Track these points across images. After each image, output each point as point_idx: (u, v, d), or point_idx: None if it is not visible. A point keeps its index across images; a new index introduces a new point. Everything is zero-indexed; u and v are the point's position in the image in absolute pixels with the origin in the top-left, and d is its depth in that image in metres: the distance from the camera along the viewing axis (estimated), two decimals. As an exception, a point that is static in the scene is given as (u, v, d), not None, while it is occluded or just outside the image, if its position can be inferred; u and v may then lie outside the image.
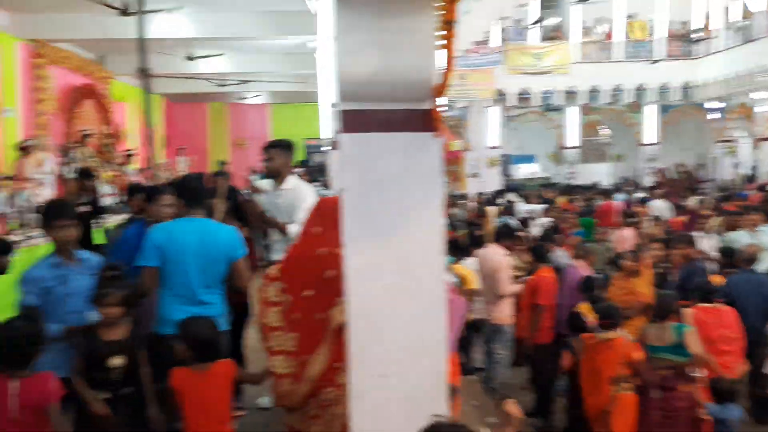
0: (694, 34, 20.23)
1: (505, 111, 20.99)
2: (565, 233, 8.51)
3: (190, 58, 16.73)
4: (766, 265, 6.78)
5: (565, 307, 5.85)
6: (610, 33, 20.84)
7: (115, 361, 3.50)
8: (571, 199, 13.51)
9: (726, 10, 19.25)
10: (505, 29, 20.71)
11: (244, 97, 25.67)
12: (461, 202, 13.14)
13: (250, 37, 16.37)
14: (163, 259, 3.90)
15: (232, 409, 3.55)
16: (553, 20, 21.77)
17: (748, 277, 6.03)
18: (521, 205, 12.24)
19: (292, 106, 24.68)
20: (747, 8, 18.13)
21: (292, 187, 4.99)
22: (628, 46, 20.61)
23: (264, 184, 5.62)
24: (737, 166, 19.97)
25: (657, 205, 11.85)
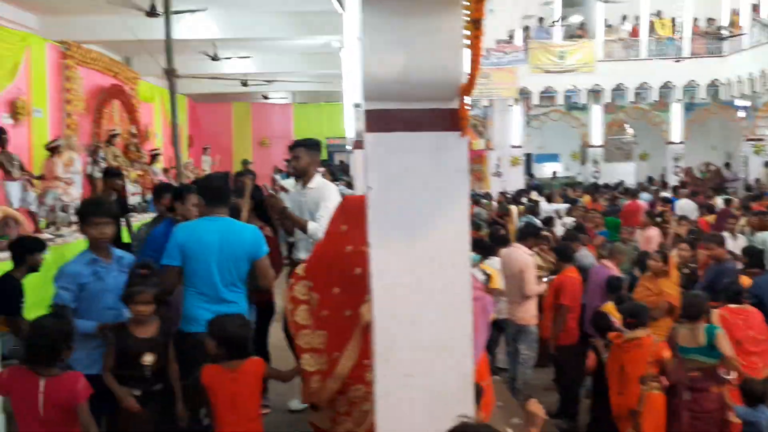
0: (723, 31, 19.91)
1: (528, 110, 20.86)
2: (591, 233, 8.45)
3: (215, 58, 16.86)
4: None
5: (591, 307, 5.81)
6: (635, 30, 20.61)
7: (147, 359, 3.56)
8: (596, 198, 13.41)
9: (753, 7, 18.93)
10: (529, 27, 20.59)
11: (268, 97, 25.82)
12: (484, 202, 13.08)
13: (274, 38, 16.47)
14: (186, 258, 3.93)
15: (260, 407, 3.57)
16: (577, 18, 21.60)
17: (775, 278, 5.94)
18: (544, 205, 12.17)
19: (315, 106, 24.78)
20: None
21: (317, 186, 5.00)
22: (653, 44, 20.37)
23: (288, 183, 5.65)
24: (766, 164, 19.62)
25: (682, 205, 11.71)
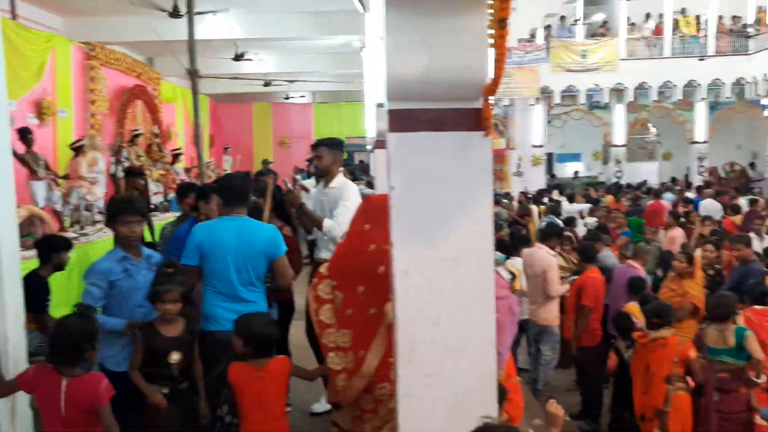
0: (749, 29, 19.62)
1: (549, 109, 20.72)
2: (613, 233, 8.37)
3: (236, 58, 16.95)
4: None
5: (615, 308, 5.76)
6: (659, 28, 20.37)
7: (174, 357, 3.59)
8: (618, 198, 13.29)
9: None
10: (550, 26, 20.45)
11: (289, 97, 25.90)
12: (504, 201, 13.02)
13: (296, 38, 16.50)
14: (204, 258, 3.96)
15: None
16: (600, 16, 21.40)
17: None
18: (566, 205, 12.08)
19: (335, 105, 24.79)
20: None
21: (338, 185, 5.00)
22: (677, 42, 20.13)
23: (309, 183, 5.65)
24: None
25: (706, 205, 11.56)
